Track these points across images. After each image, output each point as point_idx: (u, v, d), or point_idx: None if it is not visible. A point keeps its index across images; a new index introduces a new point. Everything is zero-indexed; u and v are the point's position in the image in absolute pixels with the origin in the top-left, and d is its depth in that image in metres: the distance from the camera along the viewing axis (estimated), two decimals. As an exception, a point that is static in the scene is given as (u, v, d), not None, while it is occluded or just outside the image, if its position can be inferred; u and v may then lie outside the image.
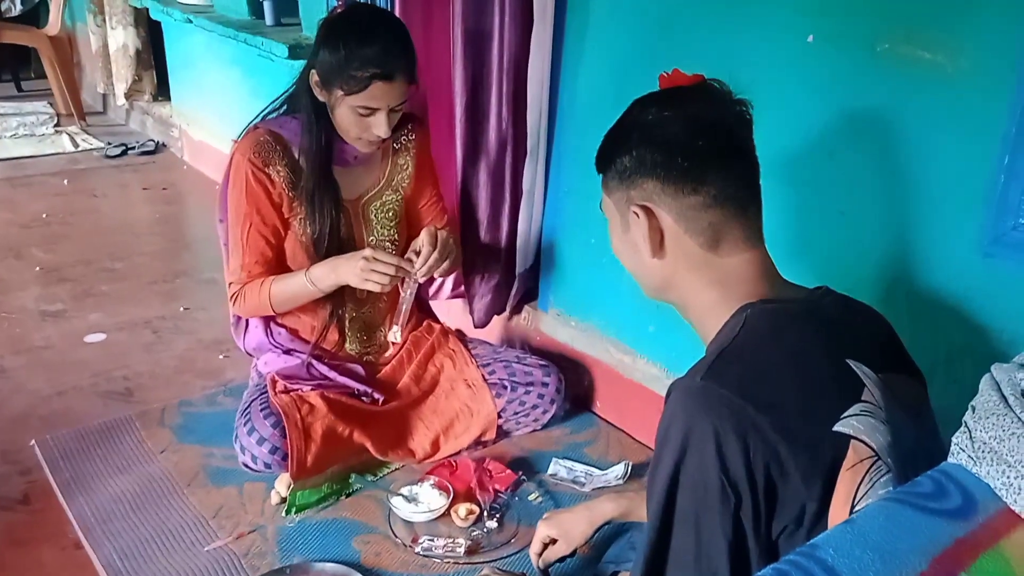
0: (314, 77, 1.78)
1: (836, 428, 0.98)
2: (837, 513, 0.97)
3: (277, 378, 1.91)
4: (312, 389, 1.88)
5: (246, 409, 1.86)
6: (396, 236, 2.02)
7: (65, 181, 4.00)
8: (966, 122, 1.35)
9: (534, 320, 2.33)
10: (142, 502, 1.84)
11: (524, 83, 2.08)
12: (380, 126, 1.78)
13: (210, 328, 2.63)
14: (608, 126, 1.98)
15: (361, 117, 1.77)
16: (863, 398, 1.01)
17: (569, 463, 1.96)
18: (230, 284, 1.92)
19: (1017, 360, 1.02)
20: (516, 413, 2.03)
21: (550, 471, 1.95)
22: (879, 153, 1.49)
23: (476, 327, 2.33)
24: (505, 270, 2.27)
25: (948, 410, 1.07)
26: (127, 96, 4.63)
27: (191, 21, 3.58)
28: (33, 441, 2.02)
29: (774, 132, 1.26)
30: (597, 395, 2.18)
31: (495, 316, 2.35)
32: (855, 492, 0.97)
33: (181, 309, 2.76)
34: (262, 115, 1.95)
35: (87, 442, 2.04)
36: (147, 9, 4.05)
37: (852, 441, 0.97)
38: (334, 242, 1.91)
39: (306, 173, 1.86)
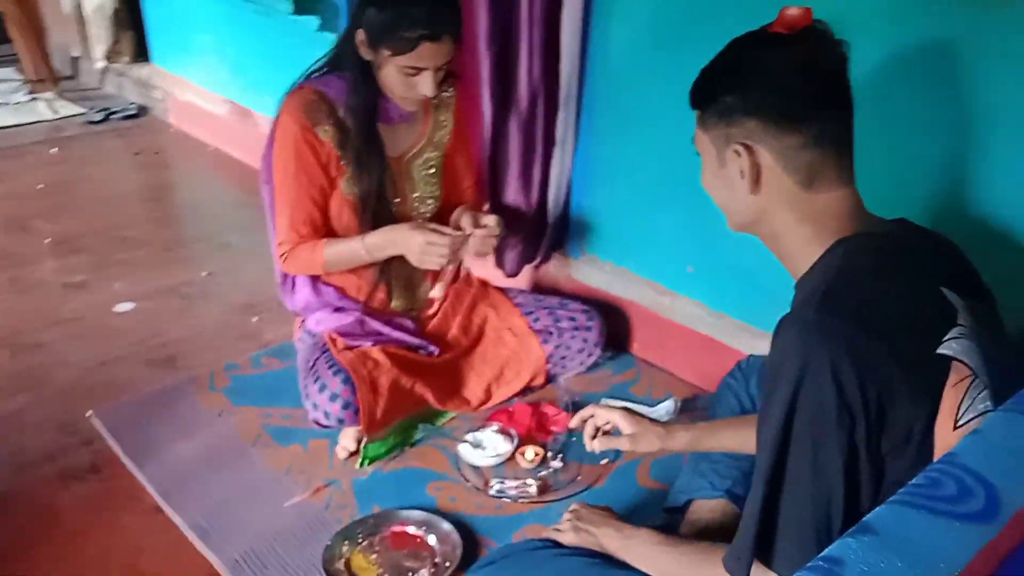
0: (360, 36, 1.79)
1: (939, 351, 1.05)
2: (943, 428, 1.05)
3: (335, 336, 1.96)
4: (373, 345, 1.93)
5: (312, 367, 1.90)
6: (438, 192, 2.05)
7: (54, 150, 3.93)
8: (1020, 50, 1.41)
9: (564, 267, 2.39)
10: (212, 464, 1.89)
11: (555, 34, 2.10)
12: (426, 85, 1.80)
13: (237, 292, 2.65)
14: (644, 74, 2.03)
15: (408, 76, 1.79)
16: (958, 322, 1.09)
17: (619, 402, 2.04)
18: (280, 243, 1.95)
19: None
20: (563, 358, 2.10)
21: (601, 411, 2.02)
22: (930, 92, 1.55)
23: (508, 276, 2.38)
24: (536, 219, 2.32)
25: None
26: (107, 59, 4.53)
27: (179, -21, 3.52)
28: (90, 412, 2.05)
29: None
30: (634, 336, 2.26)
31: (525, 265, 2.41)
32: (958, 408, 1.05)
33: (204, 274, 2.78)
34: (306, 74, 1.95)
35: (143, 410, 2.07)
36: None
37: (953, 362, 1.05)
38: (380, 199, 1.94)
39: (353, 132, 1.87)
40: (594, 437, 1.58)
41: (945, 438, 1.04)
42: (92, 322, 2.50)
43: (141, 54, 4.58)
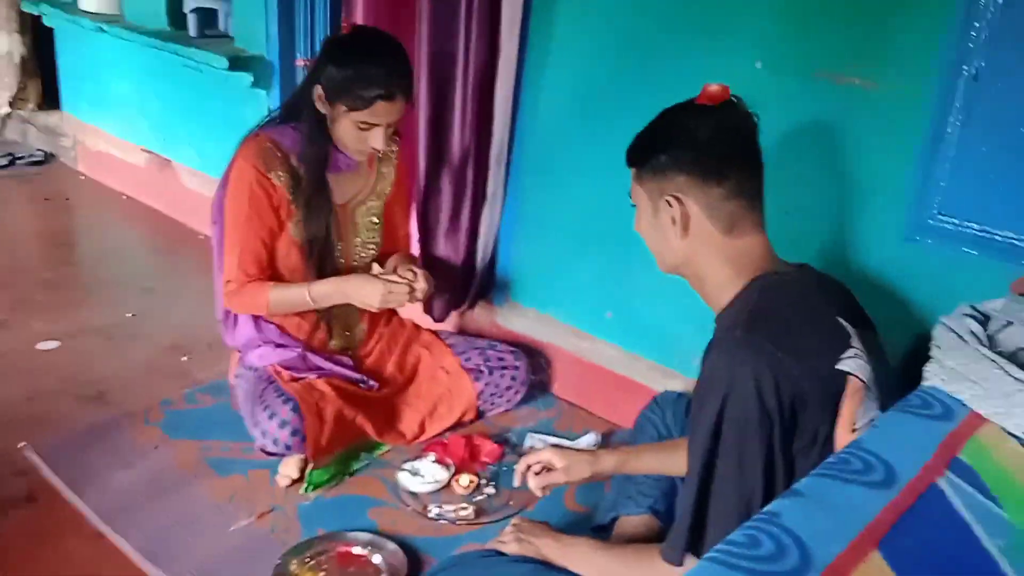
0: (318, 91, 1.94)
1: (838, 367, 1.27)
2: (842, 430, 1.27)
3: (280, 368, 2.05)
4: (317, 377, 2.04)
5: (260, 397, 1.99)
6: (378, 239, 2.20)
7: (-44, 193, 3.86)
8: (889, 134, 1.71)
9: (490, 313, 2.56)
10: (154, 493, 1.93)
11: (488, 99, 2.31)
12: (377, 140, 1.96)
13: (163, 333, 2.69)
14: (569, 138, 2.27)
15: (360, 131, 1.95)
16: (852, 345, 1.31)
17: (543, 435, 2.20)
18: (227, 282, 2.04)
19: (958, 312, 1.36)
20: (492, 395, 2.26)
21: (527, 444, 2.18)
22: (817, 161, 1.84)
23: (435, 321, 2.53)
24: (464, 268, 2.49)
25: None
26: (11, 105, 4.48)
27: (103, 30, 3.58)
28: (23, 443, 2.06)
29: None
30: (555, 378, 2.44)
31: (452, 311, 2.56)
32: (855, 414, 1.27)
33: (128, 315, 2.80)
34: (261, 123, 2.07)
35: (78, 442, 2.09)
36: (36, 16, 4.00)
37: (849, 377, 1.27)
38: (326, 243, 2.07)
39: (305, 179, 2.01)
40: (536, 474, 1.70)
41: (844, 438, 1.26)
42: (15, 359, 2.49)
43: (48, 102, 4.56)
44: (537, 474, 1.70)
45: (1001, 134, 1.57)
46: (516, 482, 1.72)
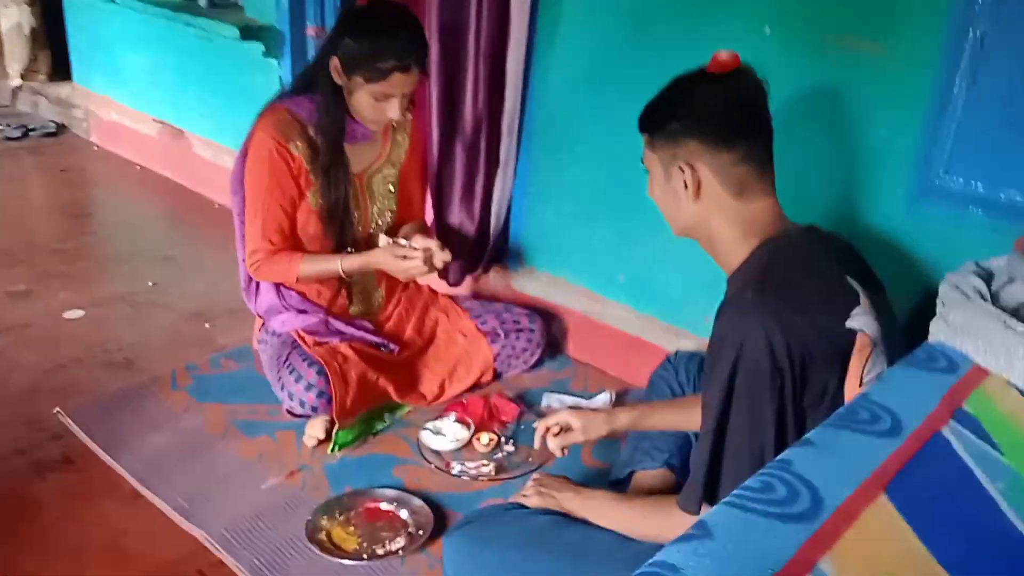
0: (335, 63, 1.97)
1: (847, 324, 1.33)
2: (851, 385, 1.33)
3: (304, 334, 2.12)
4: (340, 342, 2.10)
5: (286, 361, 2.06)
6: (394, 206, 2.25)
7: (-28, 165, 3.91)
8: (896, 97, 1.75)
9: (504, 278, 2.62)
10: (185, 454, 2.01)
11: (499, 70, 2.34)
12: (394, 110, 2.00)
13: (185, 301, 2.75)
14: (579, 105, 2.31)
15: (377, 102, 1.99)
16: (860, 303, 1.37)
17: (559, 395, 2.27)
18: (253, 252, 2.10)
19: (963, 269, 1.41)
20: (508, 356, 2.32)
21: (544, 403, 2.25)
22: (827, 125, 1.87)
23: (451, 285, 2.59)
24: (478, 233, 2.54)
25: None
26: (22, 76, 4.52)
27: (114, 2, 3.60)
28: (57, 408, 2.13)
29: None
30: (570, 339, 2.50)
31: (467, 275, 2.62)
32: (863, 369, 1.33)
33: (149, 284, 2.86)
34: (278, 95, 2.12)
35: (109, 407, 2.16)
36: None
37: (858, 333, 1.33)
38: (344, 211, 2.12)
39: (322, 149, 2.06)
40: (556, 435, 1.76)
41: (853, 392, 1.32)
42: (42, 328, 2.56)
43: (58, 73, 4.59)
44: (556, 435, 1.77)
45: (1007, 96, 1.61)
46: (536, 444, 1.78)
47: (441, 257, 2.06)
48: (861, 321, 1.34)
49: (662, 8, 2.08)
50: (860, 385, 1.32)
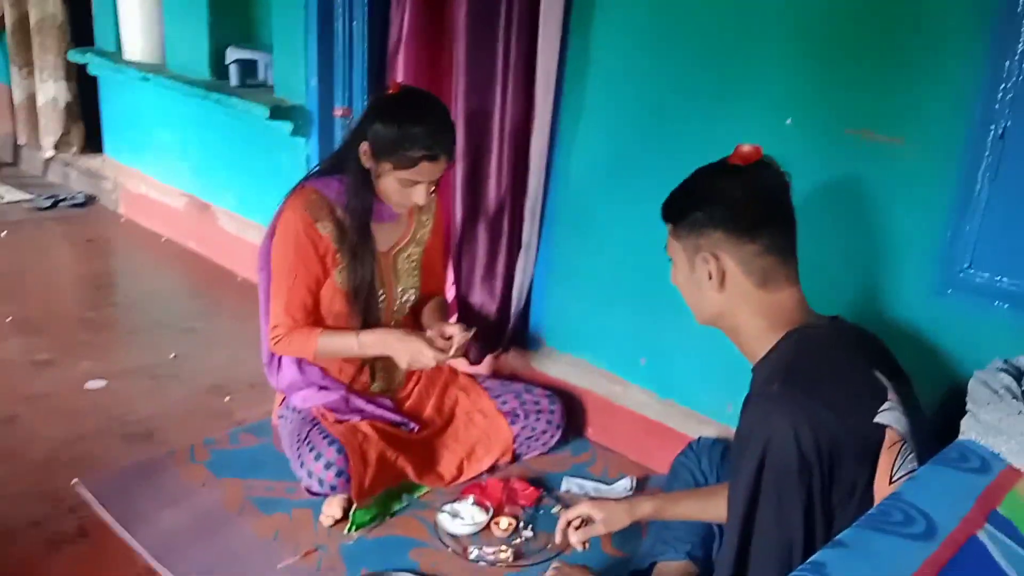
0: (364, 147, 2.02)
1: (876, 420, 1.32)
2: (881, 482, 1.31)
3: (325, 411, 2.12)
4: (360, 420, 2.10)
5: (305, 439, 2.05)
6: (417, 284, 2.27)
7: (2, 233, 3.97)
8: (918, 190, 1.77)
9: (525, 357, 2.62)
10: (201, 530, 1.99)
11: (524, 154, 2.39)
12: (420, 196, 2.04)
13: (205, 374, 2.76)
14: (601, 192, 2.35)
15: (404, 187, 2.03)
16: (888, 398, 1.36)
17: (579, 480, 2.25)
18: (274, 327, 2.11)
19: (992, 367, 1.41)
20: (528, 438, 2.31)
21: (564, 487, 2.23)
22: (849, 216, 1.89)
23: (471, 364, 2.59)
24: (499, 313, 2.56)
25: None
26: (55, 148, 4.63)
27: (147, 79, 3.71)
28: (76, 480, 2.12)
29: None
30: (589, 422, 2.48)
31: (488, 355, 2.62)
32: (892, 466, 1.31)
33: (171, 356, 2.87)
34: (307, 176, 2.16)
35: (127, 480, 2.15)
36: (81, 64, 4.16)
37: (887, 429, 1.32)
38: (370, 290, 2.15)
39: (351, 230, 2.09)
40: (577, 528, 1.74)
41: (883, 490, 1.30)
42: (64, 398, 2.56)
43: (90, 146, 4.71)
44: (577, 528, 1.75)
45: (1029, 190, 1.62)
46: (558, 539, 1.76)
47: (453, 353, 2.07)
48: (890, 416, 1.33)
49: (684, 98, 2.13)
50: (890, 482, 1.31)
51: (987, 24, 1.63)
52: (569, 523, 1.75)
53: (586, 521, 1.75)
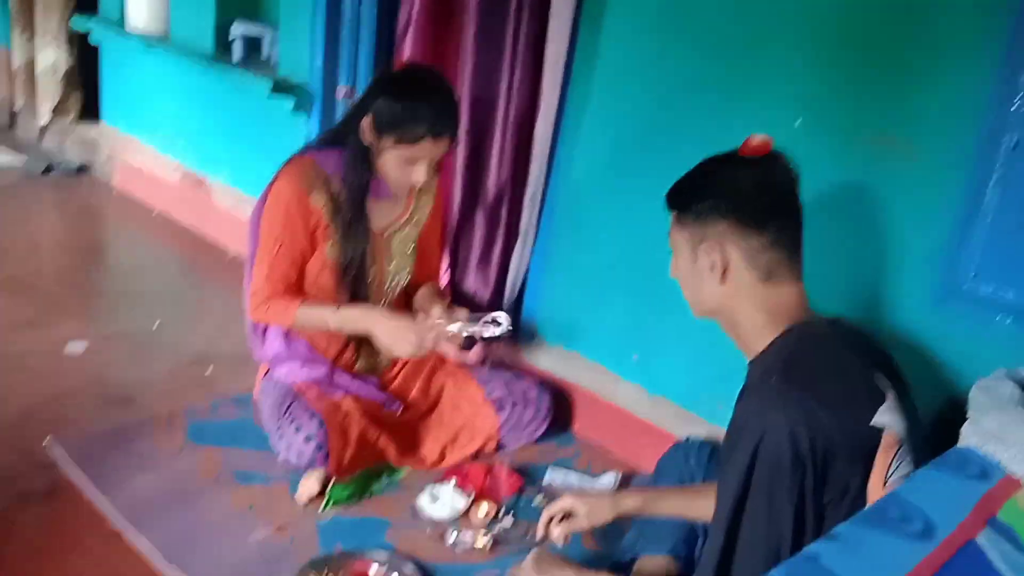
0: (367, 122, 1.98)
1: (875, 421, 1.29)
2: (875, 483, 1.28)
3: (307, 385, 2.08)
4: (344, 396, 2.06)
5: (287, 411, 2.01)
6: (410, 266, 2.24)
7: (-6, 195, 3.91)
8: (926, 198, 1.75)
9: (516, 348, 2.58)
10: (174, 497, 1.95)
11: (527, 141, 2.36)
12: (420, 174, 2.01)
13: (189, 344, 2.71)
14: (601, 186, 2.32)
15: (404, 165, 2.00)
16: (887, 400, 1.33)
17: (563, 471, 2.21)
18: (254, 293, 2.07)
19: (993, 377, 1.38)
20: (513, 427, 2.27)
21: (547, 479, 2.19)
22: (854, 219, 1.87)
23: (461, 350, 2.54)
24: (492, 301, 2.52)
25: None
26: (52, 115, 4.58)
27: (151, 49, 3.66)
28: (49, 438, 2.08)
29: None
30: (577, 416, 2.45)
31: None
32: (887, 468, 1.28)
33: (155, 326, 2.81)
34: (306, 145, 2.12)
35: (103, 442, 2.11)
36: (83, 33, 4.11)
37: (885, 431, 1.29)
38: (359, 267, 2.11)
39: (345, 204, 2.05)
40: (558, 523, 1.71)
41: (878, 491, 1.27)
42: (43, 359, 2.51)
43: (87, 114, 4.65)
44: (559, 522, 1.71)
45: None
46: (539, 533, 1.73)
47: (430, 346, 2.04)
48: (888, 418, 1.30)
49: (693, 94, 2.10)
50: (885, 484, 1.28)
51: (1001, 35, 1.62)
52: (552, 518, 1.72)
53: (568, 515, 1.72)
